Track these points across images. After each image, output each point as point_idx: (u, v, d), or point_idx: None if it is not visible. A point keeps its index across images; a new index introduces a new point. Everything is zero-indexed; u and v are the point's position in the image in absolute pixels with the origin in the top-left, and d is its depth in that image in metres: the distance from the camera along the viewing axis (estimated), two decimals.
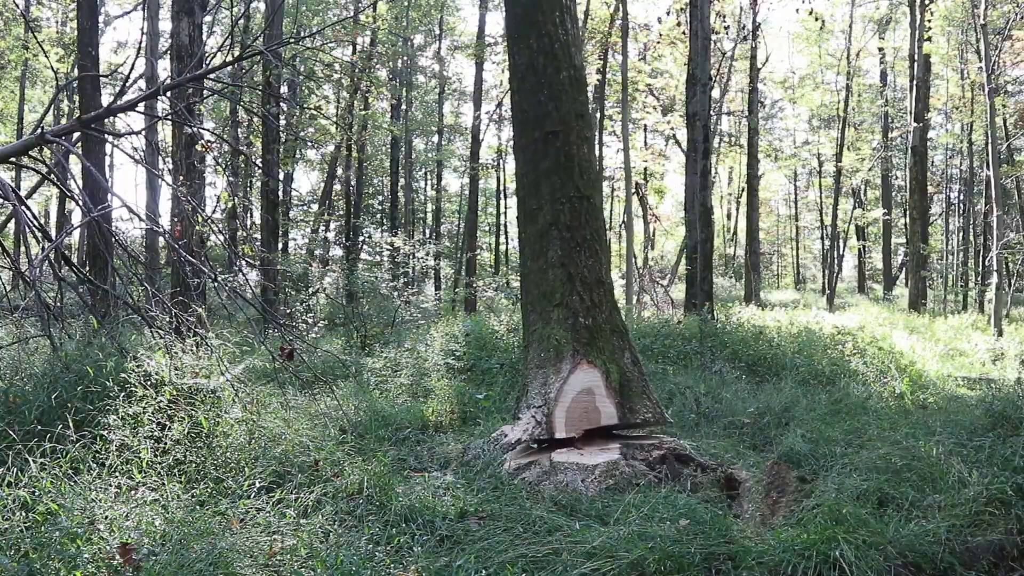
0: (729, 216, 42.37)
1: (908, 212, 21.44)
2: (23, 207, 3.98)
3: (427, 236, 31.60)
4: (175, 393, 4.27)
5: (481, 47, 22.45)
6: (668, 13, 17.21)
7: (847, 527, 3.33)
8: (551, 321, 5.38)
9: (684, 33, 17.32)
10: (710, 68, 14.84)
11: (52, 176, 4.42)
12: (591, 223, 5.59)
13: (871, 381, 8.36)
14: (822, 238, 37.43)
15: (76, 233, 20.80)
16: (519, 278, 6.39)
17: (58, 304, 3.90)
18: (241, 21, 19.70)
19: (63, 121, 22.20)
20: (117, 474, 3.59)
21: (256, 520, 3.47)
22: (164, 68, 16.58)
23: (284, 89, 21.22)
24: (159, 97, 4.86)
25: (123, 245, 4.35)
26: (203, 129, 5.51)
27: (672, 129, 27.82)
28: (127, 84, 4.96)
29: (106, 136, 7.42)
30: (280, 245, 20.86)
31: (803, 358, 9.13)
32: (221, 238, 5.28)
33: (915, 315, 16.76)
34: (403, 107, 26.33)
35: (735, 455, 5.35)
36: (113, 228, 5.26)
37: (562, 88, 5.57)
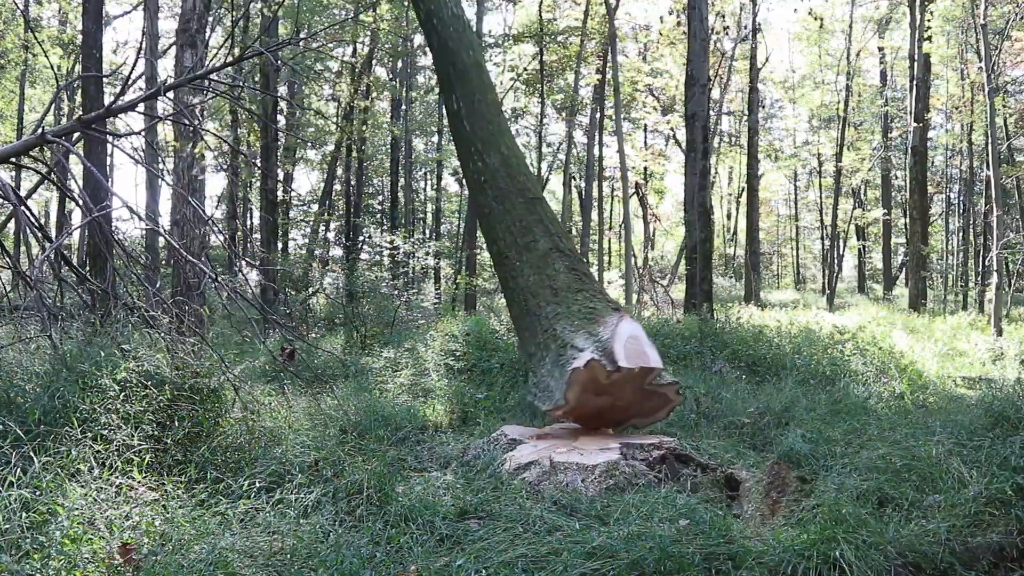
0: (729, 216, 42.35)
1: (908, 212, 21.44)
2: (23, 207, 3.98)
3: (427, 236, 31.56)
4: (175, 393, 4.27)
5: (480, 47, 22.38)
6: (671, 12, 17.18)
7: (847, 527, 3.33)
8: (577, 301, 6.01)
9: (684, 33, 17.32)
10: (708, 69, 14.82)
11: (52, 176, 4.43)
12: (580, 257, 6.68)
13: (871, 381, 8.35)
14: (822, 238, 37.41)
15: (76, 233, 20.79)
16: (505, 297, 7.13)
17: (58, 304, 3.90)
18: (241, 22, 19.69)
19: (63, 121, 22.21)
20: (117, 474, 3.58)
21: (256, 520, 3.47)
22: (164, 68, 16.59)
23: (284, 89, 21.21)
24: (159, 97, 4.86)
25: (123, 245, 4.35)
26: (203, 129, 5.52)
27: (672, 129, 27.84)
28: (127, 85, 4.96)
29: (106, 136, 7.42)
30: (280, 245, 20.85)
31: (803, 358, 9.12)
32: (221, 238, 5.29)
33: (915, 315, 16.76)
34: (403, 107, 26.32)
35: (735, 455, 5.34)
36: (113, 228, 5.26)
37: (531, 175, 7.33)
